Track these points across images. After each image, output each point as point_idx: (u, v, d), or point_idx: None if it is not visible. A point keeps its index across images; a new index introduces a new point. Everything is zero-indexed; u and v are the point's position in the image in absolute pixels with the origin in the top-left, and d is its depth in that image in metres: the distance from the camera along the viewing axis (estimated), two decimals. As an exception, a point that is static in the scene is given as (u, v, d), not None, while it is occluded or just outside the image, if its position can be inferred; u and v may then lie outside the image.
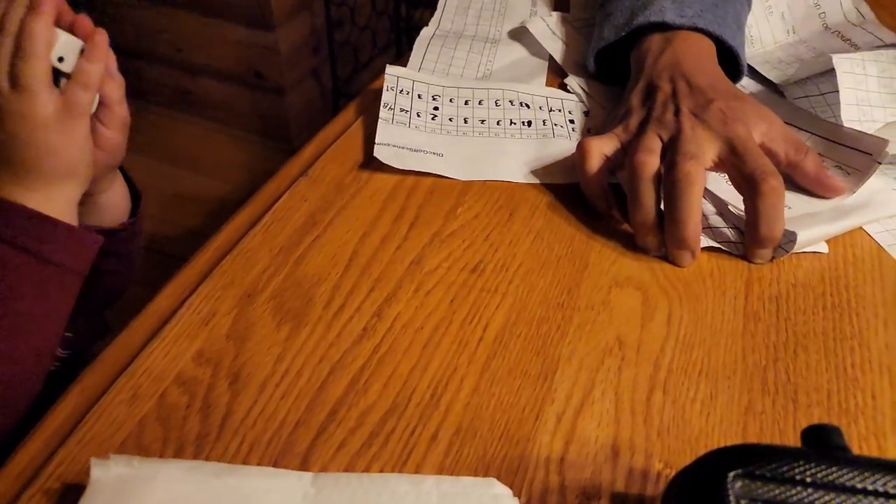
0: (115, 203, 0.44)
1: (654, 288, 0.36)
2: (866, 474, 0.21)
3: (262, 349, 0.31)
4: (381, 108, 0.45)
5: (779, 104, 0.48)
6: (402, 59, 0.52)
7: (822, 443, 0.23)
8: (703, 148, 0.37)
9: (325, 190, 0.40)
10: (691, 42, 0.44)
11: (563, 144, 0.45)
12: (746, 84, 0.50)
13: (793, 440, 0.29)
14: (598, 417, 0.30)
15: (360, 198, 0.40)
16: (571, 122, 0.47)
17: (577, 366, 0.32)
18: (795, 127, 0.45)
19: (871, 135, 0.41)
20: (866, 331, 0.34)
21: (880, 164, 0.39)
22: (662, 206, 0.37)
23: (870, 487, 0.21)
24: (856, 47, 0.55)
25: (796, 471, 0.21)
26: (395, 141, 0.43)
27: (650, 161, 0.37)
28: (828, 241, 0.39)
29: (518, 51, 0.53)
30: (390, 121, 0.45)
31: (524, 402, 0.30)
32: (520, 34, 0.55)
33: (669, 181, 0.36)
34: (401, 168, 0.42)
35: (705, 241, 0.38)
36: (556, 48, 0.53)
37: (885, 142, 0.39)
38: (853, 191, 0.40)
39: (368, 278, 0.35)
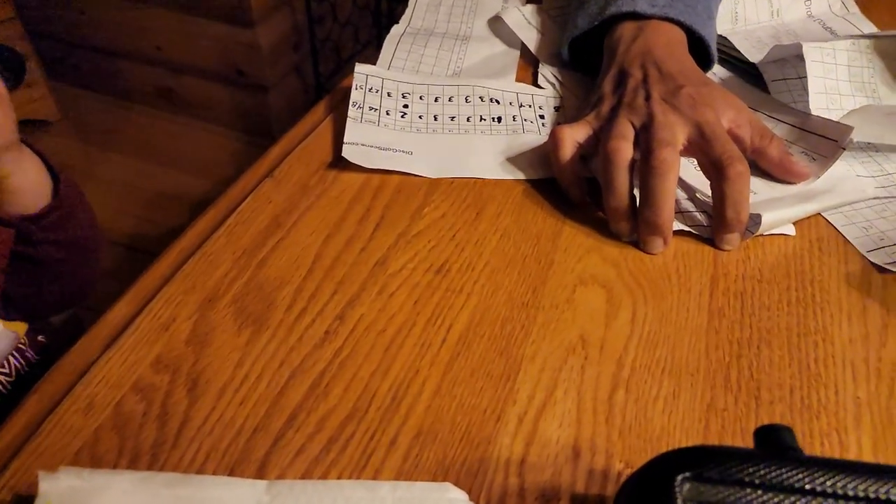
0: (27, 187, 0.41)
1: (619, 286, 0.35)
2: (816, 475, 0.21)
3: (222, 354, 0.31)
4: (350, 106, 0.45)
5: (747, 92, 0.49)
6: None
7: (774, 443, 0.23)
8: (675, 134, 0.38)
9: (290, 191, 0.40)
10: (662, 31, 0.45)
11: (533, 140, 0.44)
12: (716, 70, 0.51)
13: (754, 437, 0.29)
14: (559, 418, 0.30)
15: (325, 199, 0.40)
16: (542, 117, 0.47)
17: (540, 365, 0.32)
18: (763, 114, 0.45)
19: (835, 122, 0.41)
20: (830, 325, 0.34)
21: (844, 149, 0.40)
22: (635, 192, 0.38)
23: (818, 488, 0.21)
24: (836, 36, 0.55)
25: (745, 472, 0.21)
26: (363, 140, 0.43)
27: (623, 147, 0.38)
28: (795, 236, 0.39)
29: (488, 48, 0.53)
30: (359, 119, 0.44)
31: (486, 403, 0.30)
32: (491, 31, 0.55)
33: (646, 168, 0.37)
34: (369, 167, 0.41)
35: (676, 225, 0.38)
36: (530, 38, 0.54)
37: (849, 128, 0.40)
38: (818, 176, 0.41)
39: (331, 281, 0.35)
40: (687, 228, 0.39)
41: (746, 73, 0.51)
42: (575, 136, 0.40)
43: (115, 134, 1.43)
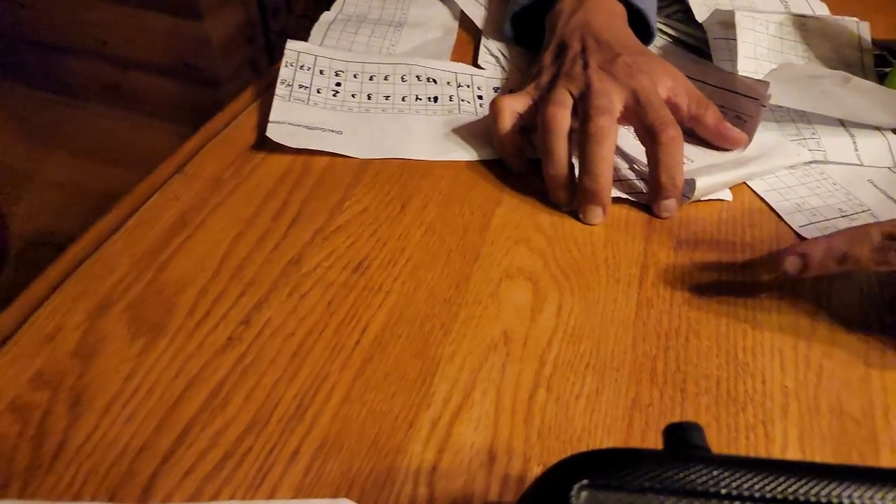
0: None
1: (546, 278, 0.34)
2: (722, 476, 0.20)
3: (111, 366, 0.29)
4: (278, 84, 0.43)
5: (683, 59, 0.49)
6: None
7: (682, 443, 0.21)
8: (612, 101, 0.37)
9: (200, 187, 0.37)
10: (602, 4, 0.45)
11: (469, 120, 0.43)
12: (655, 41, 0.51)
13: (679, 433, 0.28)
14: (476, 421, 0.28)
15: (239, 194, 0.37)
16: (480, 97, 0.45)
17: (458, 366, 0.30)
18: (696, 80, 0.45)
19: (756, 80, 0.41)
20: (760, 312, 0.33)
21: (765, 107, 0.40)
22: (575, 162, 0.37)
23: (723, 490, 0.19)
24: (787, 10, 0.55)
25: (647, 477, 0.19)
26: (290, 119, 0.41)
27: (561, 114, 0.37)
28: (727, 221, 0.38)
29: (422, 34, 0.51)
30: (287, 97, 0.42)
31: (398, 409, 0.28)
32: (426, 16, 0.53)
33: (583, 135, 0.36)
34: (295, 147, 0.39)
35: (615, 193, 0.38)
36: (476, 13, 0.53)
37: (766, 83, 0.40)
38: (750, 138, 0.41)
39: (239, 282, 0.33)
40: (625, 196, 0.38)
41: (684, 43, 0.51)
42: (515, 106, 0.39)
43: (59, 132, 1.37)
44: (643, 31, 0.47)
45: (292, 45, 0.45)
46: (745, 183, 0.40)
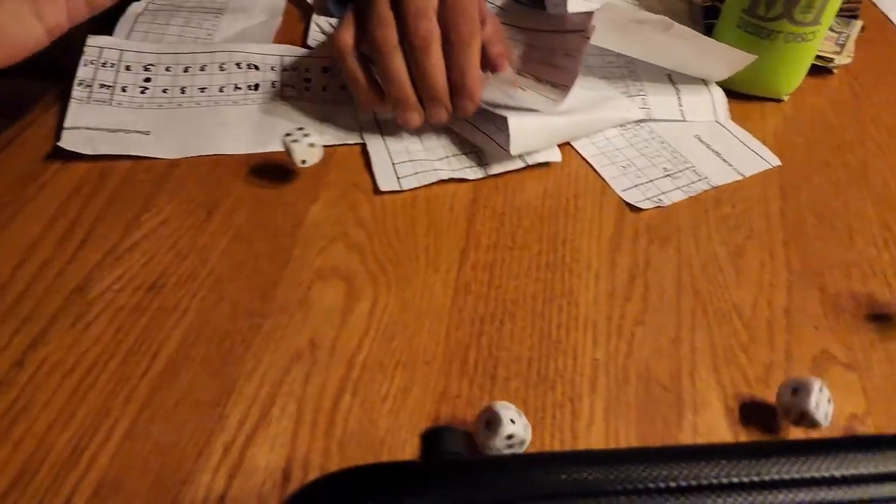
0: None
1: (362, 275, 0.32)
2: (470, 481, 0.19)
3: None
4: (75, 86, 0.39)
5: (515, 12, 0.47)
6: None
7: (437, 449, 0.20)
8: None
9: (-24, 215, 0.34)
10: None
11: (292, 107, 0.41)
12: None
13: (486, 422, 0.27)
14: (272, 439, 0.26)
15: (20, 218, 0.34)
16: (307, 80, 0.42)
17: (257, 382, 0.28)
18: (529, 29, 0.43)
19: (581, 13, 0.39)
20: (577, 287, 0.33)
21: (588, 39, 0.38)
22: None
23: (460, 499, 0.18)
24: None
25: (377, 495, 0.18)
26: (89, 122, 0.38)
27: (389, 34, 0.36)
28: (552, 194, 0.37)
29: (244, 19, 0.47)
30: (86, 100, 0.39)
31: (187, 438, 0.26)
32: (249, 0, 0.49)
33: (410, 48, 0.35)
34: (93, 154, 0.36)
35: (445, 175, 0.37)
36: None
37: (589, 14, 0.38)
38: (576, 72, 0.38)
39: (14, 319, 0.29)
40: (452, 175, 0.37)
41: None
42: (350, 40, 0.37)
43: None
44: None
45: (93, 41, 0.41)
46: (575, 150, 0.40)
